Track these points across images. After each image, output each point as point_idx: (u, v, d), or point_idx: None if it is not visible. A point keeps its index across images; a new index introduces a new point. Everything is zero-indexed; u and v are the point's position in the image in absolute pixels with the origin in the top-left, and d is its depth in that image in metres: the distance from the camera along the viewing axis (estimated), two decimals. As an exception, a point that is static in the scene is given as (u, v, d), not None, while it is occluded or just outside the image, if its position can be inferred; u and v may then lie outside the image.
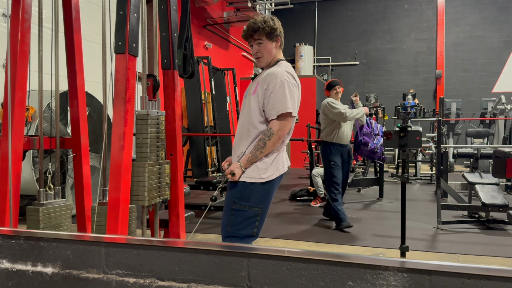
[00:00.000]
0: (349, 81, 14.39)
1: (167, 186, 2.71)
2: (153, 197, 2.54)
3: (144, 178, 2.48)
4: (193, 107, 6.59)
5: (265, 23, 2.20)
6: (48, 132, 3.18)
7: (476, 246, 3.92)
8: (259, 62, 2.29)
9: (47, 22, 3.62)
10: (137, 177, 2.49)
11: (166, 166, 2.67)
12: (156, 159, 2.58)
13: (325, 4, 14.62)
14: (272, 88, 2.12)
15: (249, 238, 2.18)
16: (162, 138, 2.66)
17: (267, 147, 2.11)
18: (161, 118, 2.64)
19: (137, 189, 2.49)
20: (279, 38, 2.26)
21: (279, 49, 2.30)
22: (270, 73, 2.18)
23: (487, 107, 11.06)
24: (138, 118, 2.52)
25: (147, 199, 2.48)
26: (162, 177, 2.63)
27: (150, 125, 2.52)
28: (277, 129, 2.11)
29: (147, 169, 2.47)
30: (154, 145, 2.56)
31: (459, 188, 7.30)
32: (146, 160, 2.50)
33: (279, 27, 2.25)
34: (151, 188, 2.51)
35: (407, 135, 3.32)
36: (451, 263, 1.12)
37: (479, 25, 13.08)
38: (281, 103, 2.10)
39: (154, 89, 2.73)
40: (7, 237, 1.53)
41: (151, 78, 2.72)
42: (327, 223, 4.89)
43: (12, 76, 2.65)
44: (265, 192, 2.17)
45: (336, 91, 4.73)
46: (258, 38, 2.22)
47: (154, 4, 2.76)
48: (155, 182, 2.55)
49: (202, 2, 9.86)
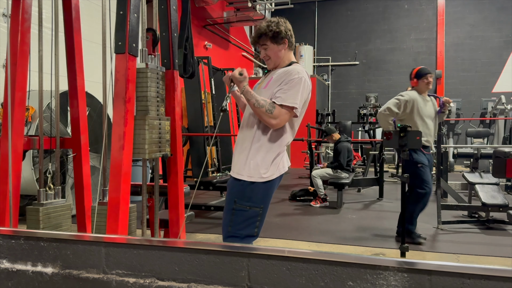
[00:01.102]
0: (349, 81, 14.39)
1: (167, 143, 2.70)
2: (153, 151, 2.54)
3: (144, 131, 2.46)
4: (193, 107, 6.59)
5: (268, 27, 2.22)
6: (48, 132, 3.18)
7: (476, 246, 3.92)
8: (268, 65, 2.33)
9: (47, 22, 3.62)
10: (138, 130, 2.48)
11: (166, 122, 2.67)
12: (156, 114, 2.58)
13: (325, 4, 14.61)
14: (289, 81, 2.12)
15: (250, 238, 2.18)
16: (162, 93, 2.65)
17: (259, 109, 2.09)
18: (161, 72, 2.64)
19: (138, 142, 2.48)
20: (286, 40, 2.25)
21: (288, 50, 2.29)
22: (289, 70, 2.18)
23: (487, 107, 11.06)
24: (137, 71, 2.51)
25: (147, 152, 2.47)
26: (162, 133, 2.62)
27: (150, 79, 2.51)
28: (276, 115, 2.09)
29: (147, 121, 2.46)
30: (154, 99, 2.55)
31: (459, 188, 7.30)
32: (146, 113, 2.49)
33: (284, 29, 2.23)
34: (151, 141, 2.50)
35: (407, 135, 3.32)
36: (451, 263, 1.12)
37: (479, 25, 13.08)
38: (291, 96, 2.10)
39: (154, 43, 2.73)
40: (7, 237, 1.53)
41: (151, 32, 2.71)
42: (327, 223, 4.89)
43: (12, 76, 2.65)
44: (266, 192, 2.17)
45: (428, 80, 3.94)
46: (263, 43, 2.26)
47: (154, 4, 2.76)
48: (155, 136, 2.54)
49: (202, 2, 9.86)
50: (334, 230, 4.55)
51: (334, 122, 9.72)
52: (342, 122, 9.30)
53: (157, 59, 2.65)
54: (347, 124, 9.25)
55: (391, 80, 13.91)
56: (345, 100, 14.33)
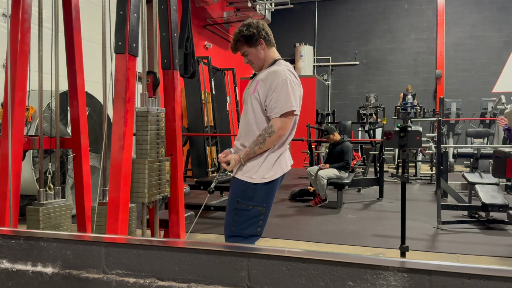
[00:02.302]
0: (349, 81, 14.39)
1: (167, 183, 2.70)
2: (153, 194, 2.54)
3: (144, 175, 2.47)
4: (193, 107, 6.59)
5: (239, 33, 2.22)
6: (48, 132, 3.18)
7: (476, 246, 3.92)
8: (253, 69, 2.33)
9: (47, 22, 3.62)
10: (137, 174, 2.48)
11: (166, 163, 2.66)
12: (156, 156, 2.58)
13: (325, 4, 14.61)
14: (275, 87, 2.11)
15: (253, 238, 2.18)
16: (162, 135, 2.65)
17: (266, 144, 2.11)
18: (161, 115, 2.64)
19: (137, 186, 2.49)
20: (261, 40, 2.22)
21: (269, 48, 2.27)
22: (271, 72, 2.17)
23: (487, 107, 11.06)
24: (138, 115, 2.51)
25: (147, 196, 2.47)
26: (162, 174, 2.62)
27: (150, 122, 2.51)
28: (279, 127, 2.11)
29: (147, 166, 2.47)
30: (154, 142, 2.55)
31: (459, 188, 7.30)
32: (146, 157, 2.49)
33: (256, 30, 2.20)
34: (151, 185, 2.51)
35: (407, 135, 3.32)
36: (451, 263, 1.12)
37: (479, 25, 13.08)
38: (284, 102, 2.10)
39: (154, 86, 2.72)
40: (7, 237, 1.53)
41: (151, 75, 2.72)
42: (327, 223, 4.89)
43: (12, 76, 2.65)
44: (268, 191, 2.18)
45: None
46: (242, 49, 2.26)
47: (154, 4, 2.76)
48: (155, 179, 2.55)
49: (202, 2, 9.87)
50: (334, 230, 4.55)
51: (334, 122, 9.72)
52: (342, 122, 9.30)
53: (158, 101, 2.65)
54: (347, 124, 9.25)
55: (391, 80, 13.91)
56: (345, 100, 14.33)
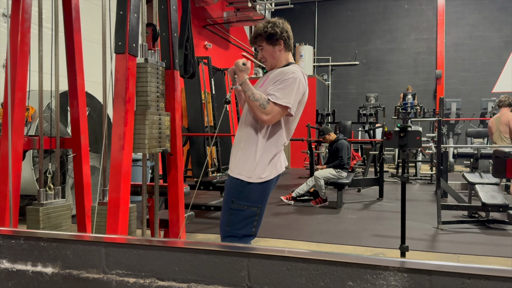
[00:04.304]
0: (349, 81, 14.38)
1: (167, 138, 2.70)
2: (153, 146, 2.54)
3: (144, 126, 2.46)
4: (193, 107, 6.59)
5: (263, 28, 2.23)
6: (48, 132, 3.18)
7: (476, 246, 3.92)
8: (265, 66, 2.34)
9: (47, 22, 3.62)
10: (138, 125, 2.48)
11: (166, 117, 2.66)
12: (156, 109, 2.57)
13: (325, 4, 14.61)
14: (284, 80, 2.12)
15: (248, 238, 2.19)
16: (162, 89, 2.65)
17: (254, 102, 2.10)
18: (160, 68, 2.63)
19: (138, 138, 2.48)
20: (281, 41, 2.24)
21: (285, 52, 2.28)
22: (285, 69, 2.19)
23: (487, 107, 11.06)
24: (137, 66, 2.51)
25: (147, 147, 2.47)
26: (162, 128, 2.62)
27: (150, 73, 2.50)
28: (269, 112, 2.09)
29: (148, 116, 2.46)
30: (153, 94, 2.55)
31: (459, 188, 7.30)
32: (146, 108, 2.49)
33: (280, 30, 2.22)
34: (151, 136, 2.50)
35: (407, 135, 3.32)
36: (451, 263, 1.12)
37: (479, 25, 13.07)
38: (284, 94, 2.10)
39: (154, 38, 2.72)
40: (7, 237, 1.53)
41: (151, 27, 2.71)
42: (327, 223, 4.89)
43: (12, 76, 2.65)
44: (263, 191, 2.18)
45: None
46: (260, 44, 2.27)
47: (154, 4, 2.76)
48: (155, 131, 2.55)
49: (202, 2, 9.86)
50: (334, 230, 4.55)
51: (334, 122, 9.72)
52: (342, 122, 9.30)
53: (157, 54, 2.65)
54: (347, 124, 9.24)
55: (391, 80, 13.90)
56: (345, 100, 14.33)
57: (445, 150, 6.68)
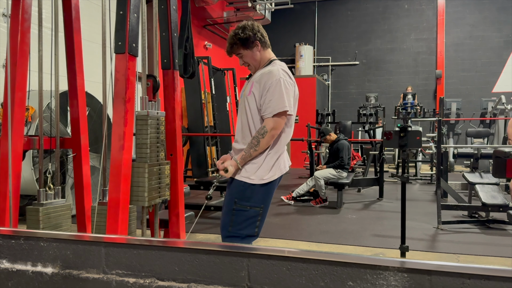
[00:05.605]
0: (349, 81, 14.38)
1: (167, 187, 2.71)
2: (153, 197, 2.54)
3: (144, 178, 2.47)
4: (193, 107, 6.59)
5: (235, 36, 2.22)
6: (48, 132, 3.18)
7: (476, 246, 3.92)
8: (250, 70, 2.33)
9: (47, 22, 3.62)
10: (137, 177, 2.49)
11: (166, 166, 2.67)
12: (156, 160, 2.58)
13: (325, 4, 14.61)
14: (269, 87, 2.12)
15: (250, 238, 2.19)
16: (162, 139, 2.66)
17: (260, 145, 2.11)
18: (161, 118, 2.64)
19: (137, 190, 2.49)
20: (257, 42, 2.23)
21: (264, 49, 2.28)
22: (265, 73, 2.18)
23: (487, 107, 11.06)
24: (138, 118, 2.52)
25: (147, 199, 2.48)
26: (162, 178, 2.63)
27: (150, 126, 2.52)
28: (271, 127, 2.11)
29: (147, 169, 2.47)
30: (154, 145, 2.56)
31: (459, 188, 7.30)
32: (146, 160, 2.50)
33: (251, 33, 2.21)
34: (151, 188, 2.51)
35: (407, 135, 3.32)
36: (451, 263, 1.12)
37: (479, 25, 13.07)
38: (277, 102, 2.10)
39: (154, 89, 2.73)
40: (7, 237, 1.53)
41: (151, 78, 2.72)
42: (327, 223, 4.89)
43: (12, 76, 2.65)
44: (266, 192, 2.18)
45: None
46: (238, 52, 2.26)
47: (154, 4, 2.76)
48: (155, 182, 2.55)
49: (202, 2, 9.86)
50: (334, 230, 4.55)
51: (334, 122, 9.72)
52: (342, 122, 9.30)
53: (157, 104, 2.65)
54: (347, 124, 9.25)
55: (391, 80, 13.90)
56: (345, 100, 14.33)
57: (445, 150, 6.68)
